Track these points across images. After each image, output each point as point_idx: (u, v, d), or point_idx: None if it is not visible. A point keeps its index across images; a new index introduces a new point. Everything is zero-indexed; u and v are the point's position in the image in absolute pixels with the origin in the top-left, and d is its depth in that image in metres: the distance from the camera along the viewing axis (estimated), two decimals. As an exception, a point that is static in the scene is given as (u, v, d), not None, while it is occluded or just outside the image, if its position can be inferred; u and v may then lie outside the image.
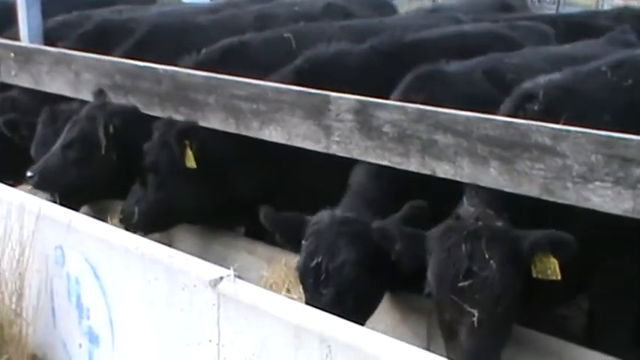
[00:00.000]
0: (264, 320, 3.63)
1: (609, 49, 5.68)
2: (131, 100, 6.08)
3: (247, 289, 3.76)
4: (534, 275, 3.89)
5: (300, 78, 5.36)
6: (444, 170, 4.33)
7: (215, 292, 3.87)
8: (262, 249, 5.58)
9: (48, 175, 5.78)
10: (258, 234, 5.76)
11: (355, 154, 4.74)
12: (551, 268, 3.86)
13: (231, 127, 5.42)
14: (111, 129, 5.72)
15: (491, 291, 3.75)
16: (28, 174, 5.81)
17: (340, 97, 4.79)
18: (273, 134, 5.17)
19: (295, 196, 5.51)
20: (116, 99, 6.19)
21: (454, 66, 5.19)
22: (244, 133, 5.34)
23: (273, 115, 5.14)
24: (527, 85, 4.57)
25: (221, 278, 3.87)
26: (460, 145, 4.24)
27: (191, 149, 5.36)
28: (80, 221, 4.70)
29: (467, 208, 4.14)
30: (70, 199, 5.45)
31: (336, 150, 4.84)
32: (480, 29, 6.09)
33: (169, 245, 4.71)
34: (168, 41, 6.72)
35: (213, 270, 3.95)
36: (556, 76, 4.61)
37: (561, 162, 3.88)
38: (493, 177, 4.13)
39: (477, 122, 4.17)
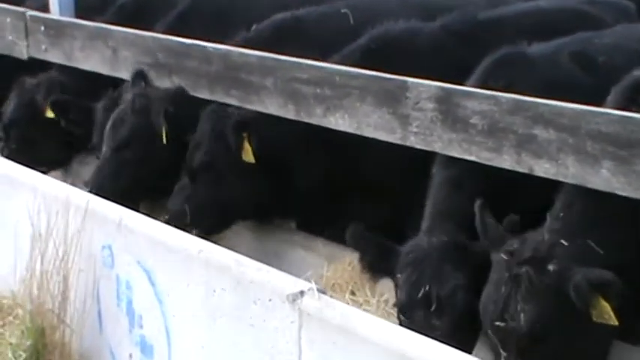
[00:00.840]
0: (357, 346, 3.17)
1: None
2: (175, 81, 5.60)
3: (335, 307, 3.31)
4: (595, 319, 3.47)
5: (367, 59, 4.87)
6: (543, 169, 3.85)
7: (295, 308, 3.41)
8: (322, 246, 5.12)
9: (107, 186, 5.29)
10: (313, 227, 5.32)
11: (437, 147, 4.26)
12: (607, 313, 3.45)
13: (290, 113, 4.94)
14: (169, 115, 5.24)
15: (520, 341, 3.52)
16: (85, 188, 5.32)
17: (420, 84, 4.31)
18: (339, 122, 4.69)
19: (355, 189, 5.07)
20: (158, 79, 5.71)
21: (536, 48, 4.70)
22: (306, 120, 4.86)
23: (340, 102, 4.66)
24: (639, 73, 4.07)
25: (302, 293, 3.41)
26: (565, 141, 3.77)
27: (249, 143, 4.88)
28: (133, 219, 4.24)
29: (538, 233, 3.73)
30: (129, 200, 4.98)
31: (414, 142, 4.36)
32: (559, 5, 5.56)
33: (216, 242, 4.29)
34: (214, 15, 6.21)
35: (291, 282, 3.49)
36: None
37: (693, 164, 3.41)
38: (605, 178, 3.65)
39: (587, 116, 3.69)
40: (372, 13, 5.68)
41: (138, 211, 4.55)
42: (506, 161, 3.99)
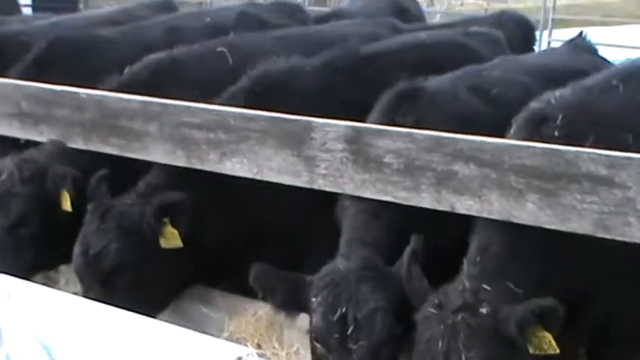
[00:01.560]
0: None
1: (580, 58, 5.31)
2: (44, 131, 5.17)
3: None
4: (532, 352, 3.44)
5: (251, 101, 4.64)
6: (466, 206, 3.76)
7: (233, 376, 3.13)
8: (220, 298, 4.83)
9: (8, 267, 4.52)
10: (210, 280, 5.01)
11: (348, 189, 4.10)
12: (547, 343, 3.43)
13: (180, 160, 4.63)
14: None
15: None
16: None
17: (326, 124, 4.13)
18: (236, 167, 4.44)
19: (254, 236, 4.82)
20: (23, 130, 5.26)
21: (433, 82, 4.64)
22: (198, 166, 4.58)
23: (238, 146, 4.41)
24: (537, 105, 4.07)
25: None
26: (487, 176, 3.69)
27: (174, 226, 4.48)
28: (26, 289, 3.80)
29: (457, 283, 3.66)
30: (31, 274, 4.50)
31: (322, 185, 4.18)
32: (440, 39, 5.55)
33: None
34: (73, 58, 5.81)
35: (225, 349, 3.20)
36: (566, 93, 4.14)
37: (621, 194, 3.39)
38: (531, 212, 3.60)
39: (509, 150, 3.63)
40: (249, 51, 5.47)
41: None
42: (425, 200, 3.88)
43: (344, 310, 3.65)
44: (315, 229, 4.63)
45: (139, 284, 4.51)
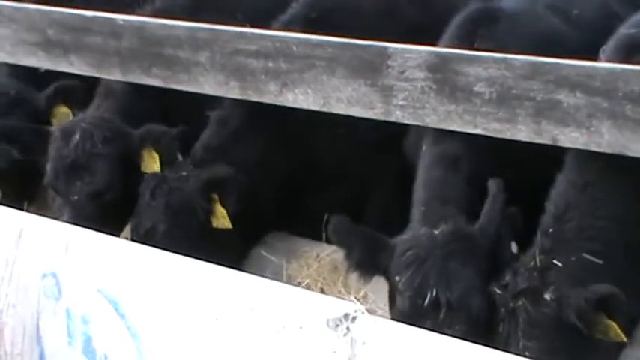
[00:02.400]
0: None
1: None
2: (75, 62, 4.74)
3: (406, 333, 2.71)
4: (600, 336, 3.18)
5: (310, 27, 4.24)
6: (570, 139, 3.41)
7: (339, 335, 2.80)
8: (279, 241, 4.49)
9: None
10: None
11: (431, 122, 3.73)
12: (612, 331, 3.15)
13: (233, 92, 4.24)
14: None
15: None
16: None
17: (405, 50, 3.74)
18: (300, 99, 4.05)
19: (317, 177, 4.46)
20: (51, 60, 4.83)
21: (508, 3, 4.24)
22: (255, 98, 4.19)
23: (301, 76, 4.01)
24: (628, 31, 3.70)
25: (349, 317, 2.79)
26: (597, 105, 3.33)
27: (223, 206, 4.12)
28: (87, 238, 3.43)
29: (529, 257, 3.36)
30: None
31: (400, 117, 3.80)
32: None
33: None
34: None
35: (330, 304, 2.87)
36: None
37: None
38: (648, 144, 3.26)
39: (625, 76, 3.26)
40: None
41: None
42: (521, 132, 3.52)
43: (434, 293, 3.30)
44: (382, 169, 4.30)
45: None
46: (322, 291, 4.28)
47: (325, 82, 3.95)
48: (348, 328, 2.78)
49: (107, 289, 3.36)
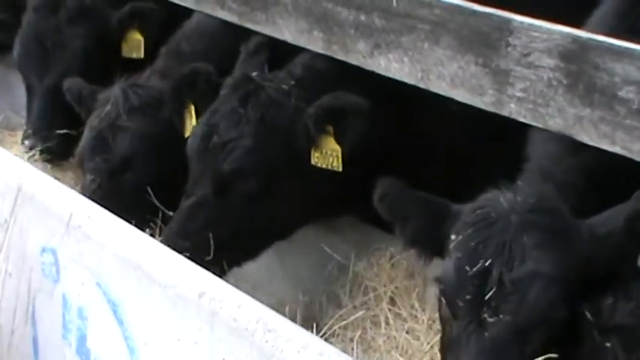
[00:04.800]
0: None
1: None
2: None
3: None
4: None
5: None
6: None
7: None
8: (349, 228, 3.72)
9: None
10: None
11: (553, 125, 2.84)
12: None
13: (316, 44, 3.44)
14: None
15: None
16: None
17: (533, 26, 2.84)
18: (393, 67, 3.21)
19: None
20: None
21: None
22: (340, 56, 3.38)
23: (398, 39, 3.17)
24: None
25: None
26: None
27: (338, 142, 3.31)
28: (93, 220, 2.75)
29: None
30: None
31: (514, 112, 2.93)
32: None
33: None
34: None
35: None
36: None
37: None
38: None
39: None
40: None
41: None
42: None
43: (488, 263, 2.48)
44: (490, 155, 3.45)
45: (259, 204, 3.39)
46: (392, 301, 3.52)
47: (426, 52, 3.09)
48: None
49: (108, 286, 2.70)
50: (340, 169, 3.32)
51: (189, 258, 2.66)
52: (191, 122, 3.57)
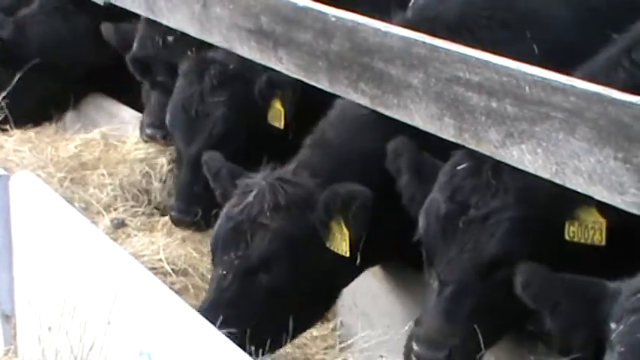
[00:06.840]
0: None
1: None
2: (283, 57, 3.90)
3: None
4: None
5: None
6: None
7: None
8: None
9: None
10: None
11: None
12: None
13: (447, 132, 3.16)
14: None
15: None
16: None
17: None
18: (526, 159, 2.88)
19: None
20: (261, 53, 4.03)
21: None
22: (472, 146, 3.08)
23: (531, 127, 2.84)
24: None
25: None
26: None
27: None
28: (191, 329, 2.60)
29: None
30: None
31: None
32: None
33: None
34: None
35: None
36: None
37: None
38: None
39: None
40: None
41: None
42: None
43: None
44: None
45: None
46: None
47: (561, 144, 2.75)
48: None
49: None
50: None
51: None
52: (342, 236, 3.41)
